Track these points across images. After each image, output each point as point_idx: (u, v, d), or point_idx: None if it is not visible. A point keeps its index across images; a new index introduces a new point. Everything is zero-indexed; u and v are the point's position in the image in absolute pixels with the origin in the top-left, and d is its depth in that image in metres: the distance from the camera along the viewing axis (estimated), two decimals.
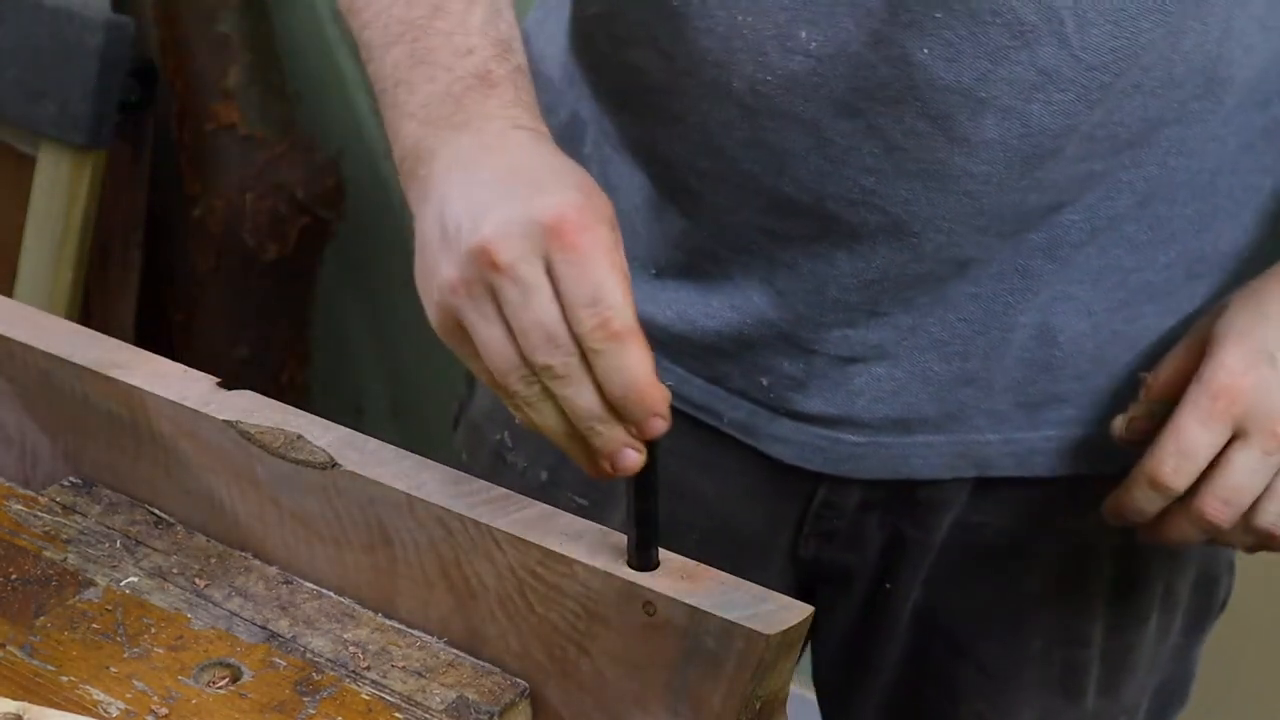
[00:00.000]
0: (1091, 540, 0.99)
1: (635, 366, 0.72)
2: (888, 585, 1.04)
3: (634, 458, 0.75)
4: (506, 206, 0.73)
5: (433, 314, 0.76)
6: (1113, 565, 1.02)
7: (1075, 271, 0.92)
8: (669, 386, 0.97)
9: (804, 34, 0.83)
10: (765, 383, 0.96)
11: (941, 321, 0.93)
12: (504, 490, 0.82)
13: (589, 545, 0.78)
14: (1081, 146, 0.85)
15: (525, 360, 0.73)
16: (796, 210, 0.89)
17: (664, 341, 0.98)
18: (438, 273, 0.74)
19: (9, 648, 0.81)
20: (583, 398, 0.73)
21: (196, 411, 0.87)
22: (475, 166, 0.76)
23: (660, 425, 0.74)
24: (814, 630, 1.10)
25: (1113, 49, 0.81)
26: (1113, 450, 0.91)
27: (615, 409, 0.73)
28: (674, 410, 0.98)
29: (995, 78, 0.82)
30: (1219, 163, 0.91)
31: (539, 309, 0.72)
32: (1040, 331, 0.93)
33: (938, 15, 0.81)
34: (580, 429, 0.74)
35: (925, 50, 0.81)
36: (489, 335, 0.73)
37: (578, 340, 0.72)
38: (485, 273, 0.72)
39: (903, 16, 0.81)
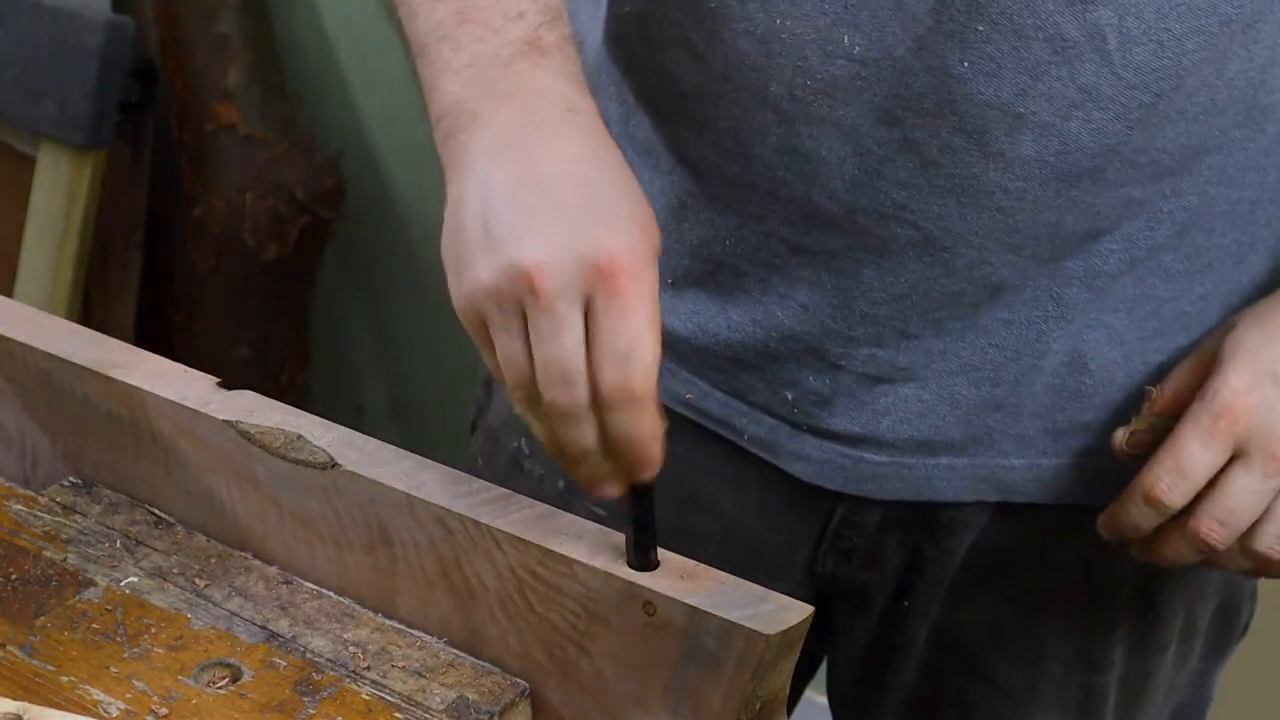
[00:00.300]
0: (1112, 566, 0.98)
1: (643, 428, 0.72)
2: (905, 604, 1.03)
3: (612, 492, 0.76)
4: (560, 230, 0.71)
5: (457, 300, 0.75)
6: (1133, 591, 1.00)
7: (1110, 300, 0.91)
8: (689, 399, 0.97)
9: (847, 38, 0.82)
10: (790, 397, 0.95)
11: (972, 347, 0.91)
12: (504, 490, 0.82)
13: (589, 545, 0.78)
14: (1121, 171, 0.84)
15: (536, 383, 0.73)
16: (825, 221, 0.88)
17: (685, 354, 0.97)
18: (472, 267, 0.73)
19: (9, 648, 0.81)
20: (582, 437, 0.74)
21: (196, 411, 0.87)
22: (526, 149, 0.74)
23: (648, 476, 0.75)
24: (831, 646, 1.10)
25: (1155, 69, 0.80)
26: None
27: (609, 449, 0.74)
28: (693, 423, 0.98)
29: (1034, 93, 0.81)
30: (1259, 193, 0.90)
31: (564, 348, 0.71)
32: (1071, 358, 0.92)
33: (980, 28, 0.80)
34: (570, 453, 0.75)
35: (965, 64, 0.80)
36: (509, 348, 0.73)
37: (594, 386, 0.72)
38: (522, 294, 0.71)
39: (946, 26, 0.80)
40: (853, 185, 0.86)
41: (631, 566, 0.77)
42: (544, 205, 0.72)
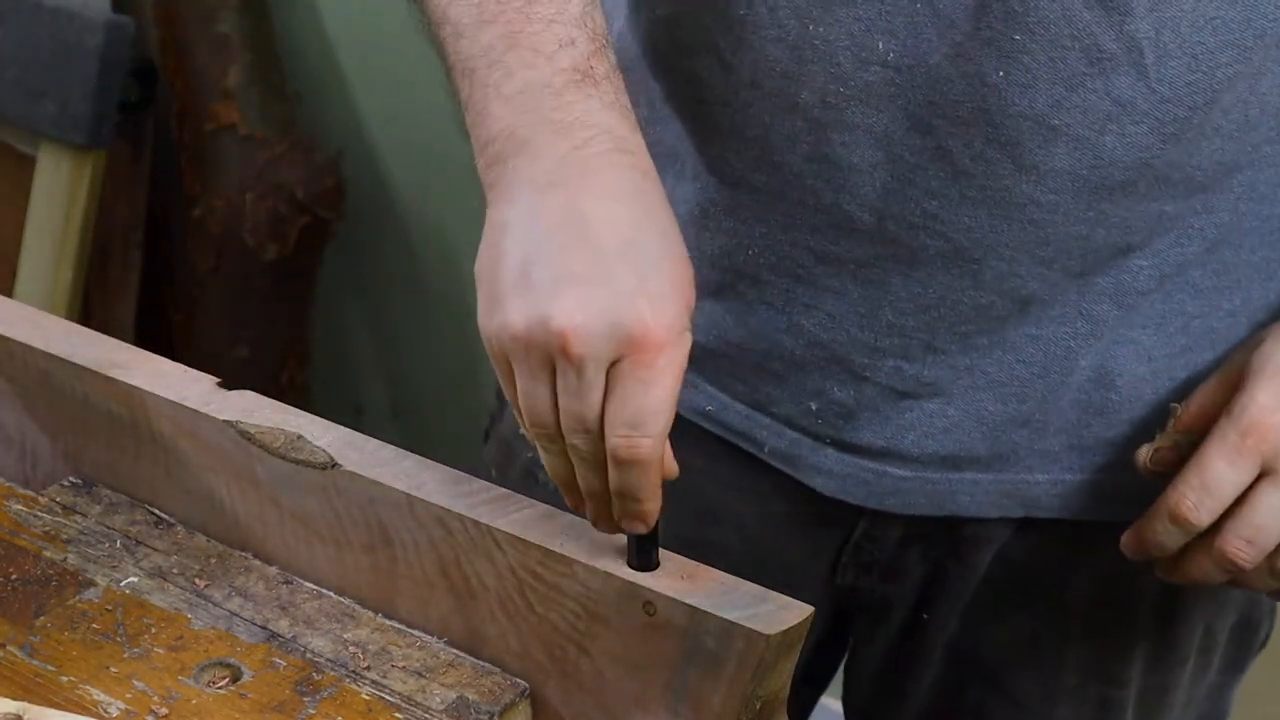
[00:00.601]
0: (1133, 581, 0.97)
1: (643, 489, 0.74)
2: (925, 616, 1.03)
3: (608, 531, 0.77)
4: (600, 293, 0.72)
5: (485, 330, 0.75)
6: (1153, 607, 1.00)
7: (1138, 316, 0.90)
8: (708, 411, 0.96)
9: (881, 44, 0.82)
10: (814, 408, 0.94)
11: (1000, 363, 0.91)
12: (504, 490, 0.82)
13: (589, 545, 0.78)
14: (1154, 185, 0.84)
15: (555, 424, 0.74)
16: (854, 230, 0.87)
17: (706, 364, 0.95)
18: (504, 306, 0.73)
19: (9, 648, 0.81)
20: (595, 480, 0.75)
21: (196, 411, 0.87)
22: (574, 190, 0.74)
23: (640, 530, 0.76)
24: (849, 656, 1.10)
25: (1189, 83, 0.80)
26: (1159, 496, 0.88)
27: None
28: (713, 435, 0.97)
29: (1069, 105, 0.80)
30: None
31: (586, 404, 0.73)
32: (1098, 374, 0.91)
33: (1016, 37, 0.79)
34: (582, 489, 0.77)
35: (1001, 73, 0.80)
36: (532, 393, 0.74)
37: (605, 438, 0.73)
38: (553, 350, 0.72)
39: (984, 32, 0.80)
40: (884, 193, 0.86)
41: (632, 566, 0.77)
42: (586, 260, 0.73)
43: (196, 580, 0.86)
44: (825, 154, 0.86)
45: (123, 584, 0.86)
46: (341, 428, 0.86)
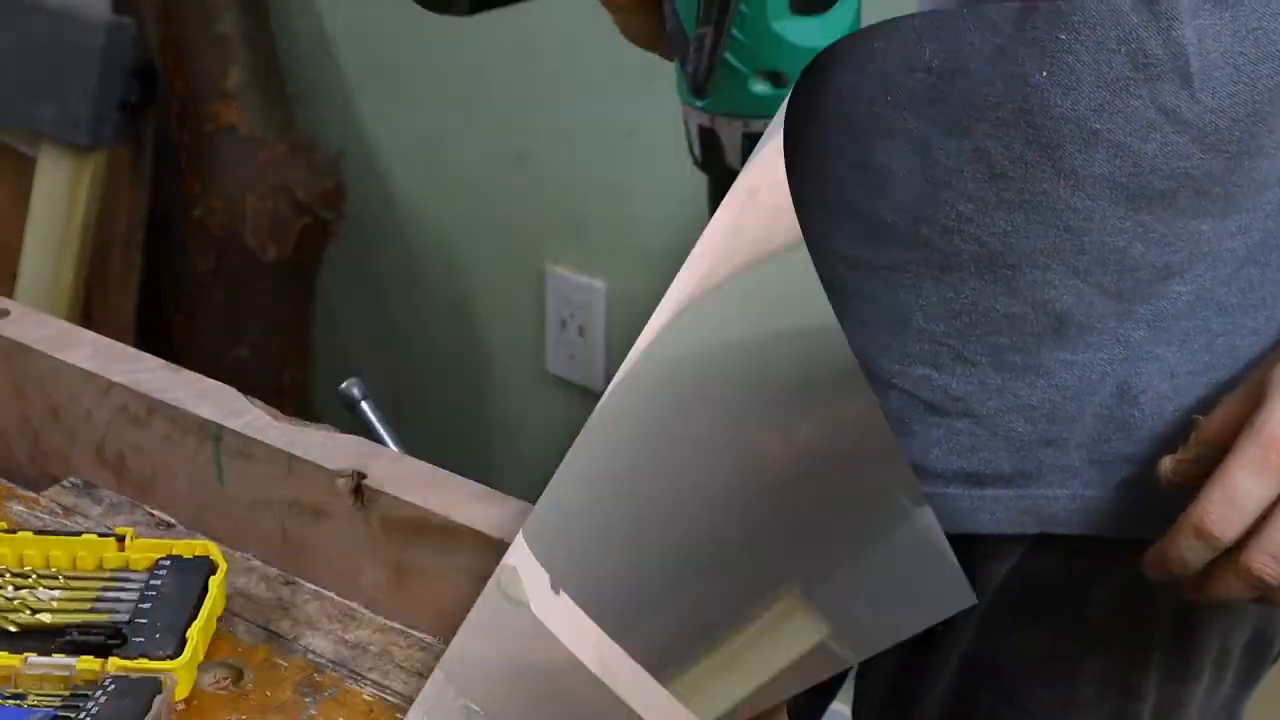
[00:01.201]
0: (1148, 598, 0.96)
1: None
2: (939, 627, 1.02)
3: None
4: None
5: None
6: (1169, 623, 0.99)
7: (1164, 334, 0.89)
8: None
9: (928, 51, 0.81)
10: None
11: (1033, 387, 0.90)
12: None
13: None
14: (1193, 199, 0.83)
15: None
16: (889, 236, 0.87)
17: None
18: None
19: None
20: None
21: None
22: None
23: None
24: (861, 666, 1.09)
25: (1231, 94, 0.79)
26: (1178, 512, 0.87)
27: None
28: None
29: (1112, 110, 0.80)
30: None
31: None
32: (1121, 390, 0.90)
33: (1061, 37, 0.78)
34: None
35: (1044, 73, 0.79)
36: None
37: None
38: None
39: (1028, 32, 0.79)
40: (919, 197, 0.85)
41: None
42: None
43: None
44: (868, 162, 0.85)
45: None
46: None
